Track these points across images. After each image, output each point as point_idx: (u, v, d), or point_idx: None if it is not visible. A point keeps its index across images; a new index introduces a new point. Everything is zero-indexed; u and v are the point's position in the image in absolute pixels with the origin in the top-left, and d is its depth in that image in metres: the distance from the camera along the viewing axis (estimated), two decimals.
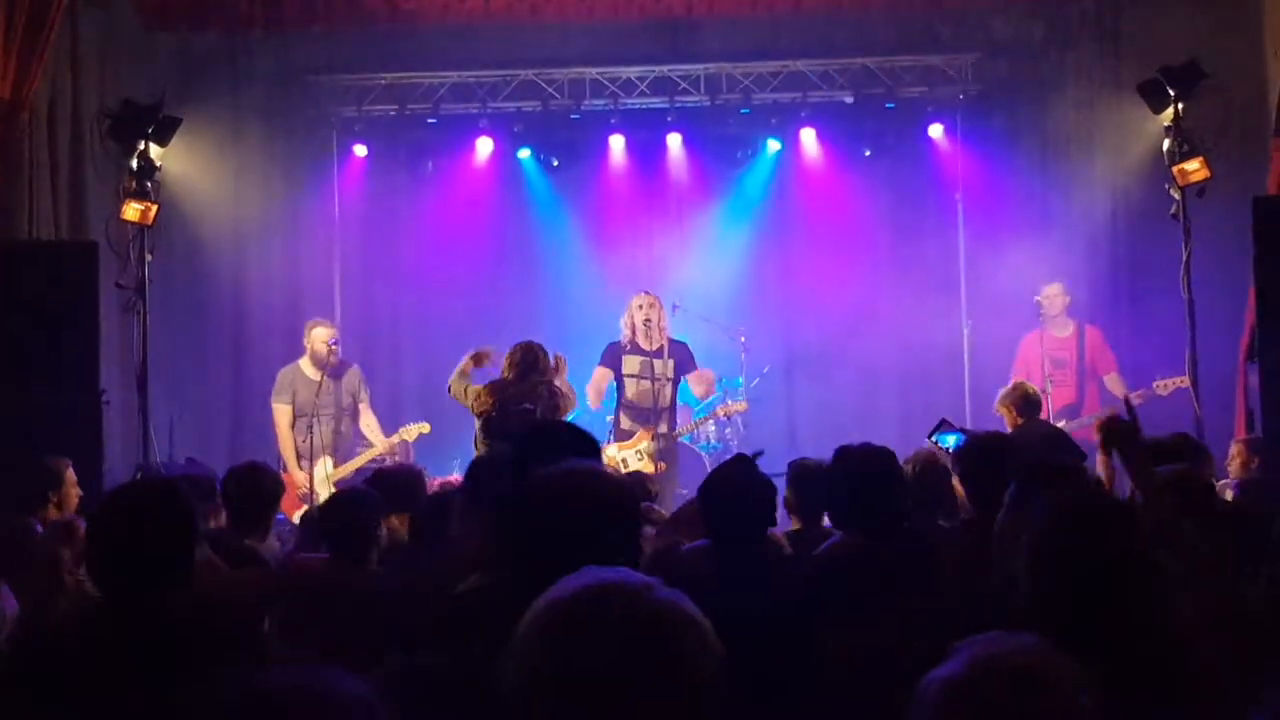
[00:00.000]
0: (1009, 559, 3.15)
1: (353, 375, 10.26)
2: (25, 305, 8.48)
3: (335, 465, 9.98)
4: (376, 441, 10.02)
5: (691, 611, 1.86)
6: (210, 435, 11.60)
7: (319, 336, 10.17)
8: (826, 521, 5.52)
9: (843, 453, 4.80)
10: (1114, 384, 10.45)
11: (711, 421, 10.57)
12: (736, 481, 4.35)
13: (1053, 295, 10.69)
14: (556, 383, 8.75)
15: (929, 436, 7.46)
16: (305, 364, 10.21)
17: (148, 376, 9.52)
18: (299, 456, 9.87)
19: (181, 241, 11.25)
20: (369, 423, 10.19)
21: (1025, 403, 8.43)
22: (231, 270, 11.90)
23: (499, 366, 8.84)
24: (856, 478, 4.68)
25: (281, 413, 10.15)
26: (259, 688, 1.73)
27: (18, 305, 8.44)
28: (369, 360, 11.63)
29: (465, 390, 8.81)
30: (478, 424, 8.77)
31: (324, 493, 9.30)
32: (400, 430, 10.04)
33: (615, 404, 10.05)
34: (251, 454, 11.10)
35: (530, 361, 8.68)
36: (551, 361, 8.85)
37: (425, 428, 10.04)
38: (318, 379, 10.04)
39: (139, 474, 9.02)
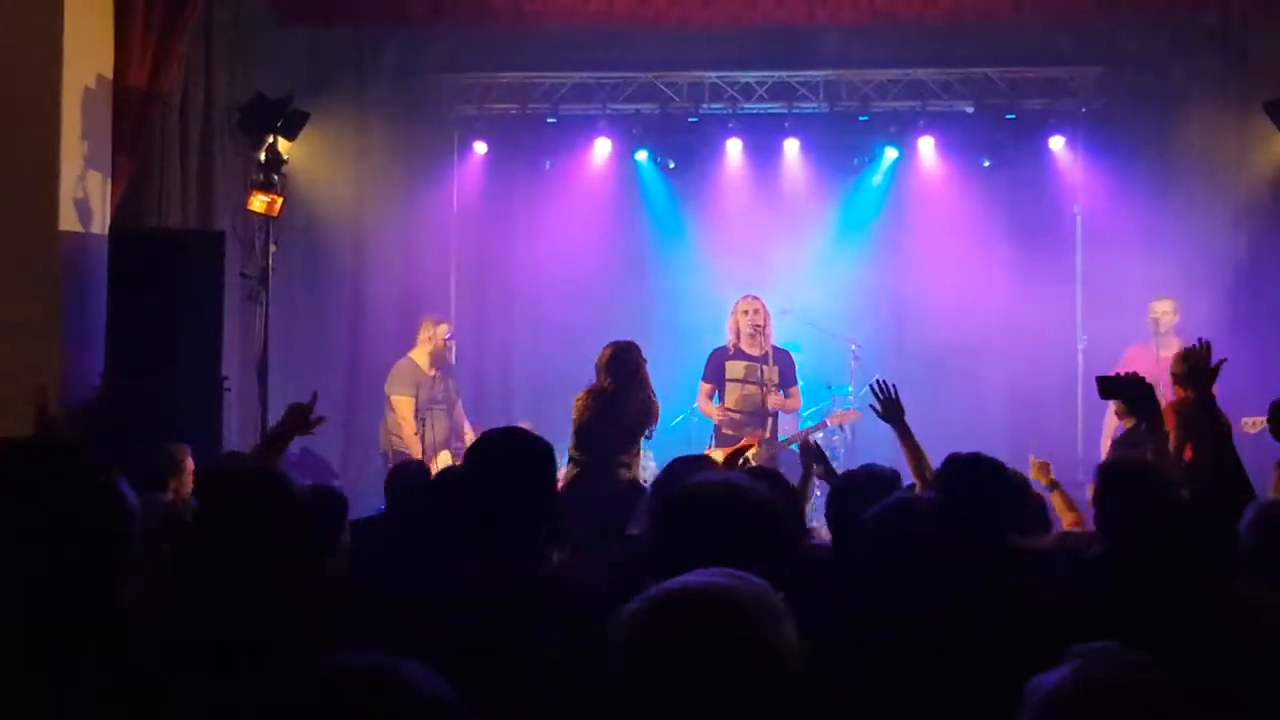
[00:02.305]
0: None
1: (454, 374, 10.45)
2: (153, 291, 8.65)
3: (453, 460, 10.06)
4: (470, 439, 10.09)
5: (784, 620, 1.92)
6: (325, 430, 11.72)
7: (439, 332, 10.31)
8: None
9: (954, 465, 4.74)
10: None
11: (821, 431, 10.51)
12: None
13: (1164, 311, 10.48)
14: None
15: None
16: (421, 359, 10.32)
17: (268, 366, 9.70)
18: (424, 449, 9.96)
19: (303, 234, 11.47)
20: (460, 415, 10.37)
21: None
22: (351, 263, 12.11)
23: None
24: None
25: (405, 404, 10.13)
26: (334, 671, 1.75)
27: (146, 291, 8.61)
28: (481, 358, 11.79)
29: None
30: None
31: None
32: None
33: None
34: (364, 446, 11.40)
35: (628, 369, 7.90)
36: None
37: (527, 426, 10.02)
38: (433, 373, 10.18)
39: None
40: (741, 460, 9.28)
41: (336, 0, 10.85)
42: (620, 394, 7.75)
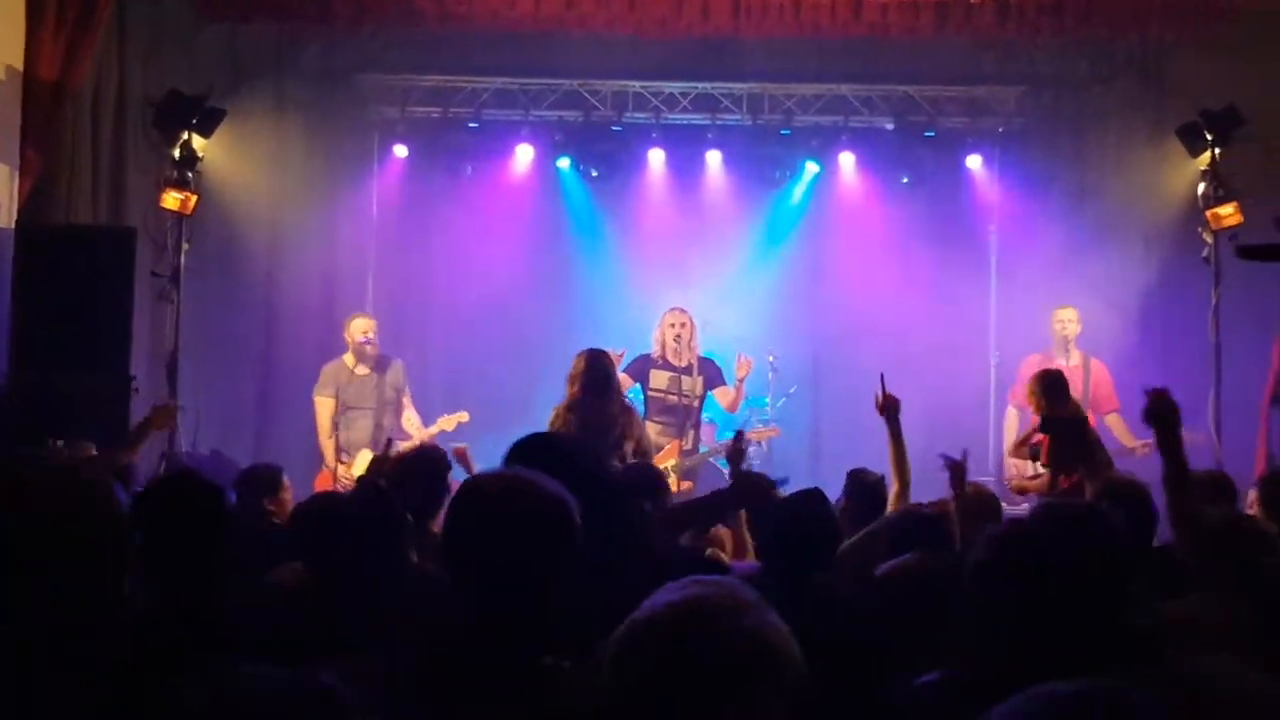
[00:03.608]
0: None
1: (396, 370, 10.25)
2: (61, 288, 8.55)
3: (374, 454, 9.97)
4: (417, 434, 9.97)
5: (784, 636, 1.89)
6: (235, 428, 11.63)
7: (356, 328, 10.22)
8: None
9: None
10: (1117, 426, 10.00)
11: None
12: (808, 515, 4.36)
13: (1066, 320, 10.57)
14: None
15: None
16: (349, 358, 10.23)
17: (178, 365, 9.57)
18: (339, 450, 9.86)
19: (217, 233, 11.30)
20: (410, 417, 10.17)
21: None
22: (265, 264, 11.95)
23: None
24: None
25: (323, 406, 10.07)
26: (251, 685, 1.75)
27: (53, 288, 8.51)
28: (383, 353, 11.70)
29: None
30: None
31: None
32: (439, 420, 9.93)
33: (641, 418, 10.04)
34: (276, 448, 11.26)
35: (600, 378, 7.97)
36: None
37: (464, 416, 9.93)
38: (363, 373, 10.09)
39: (164, 463, 9.08)
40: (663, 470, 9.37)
41: None
42: (600, 404, 7.81)
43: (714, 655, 1.82)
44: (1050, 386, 8.07)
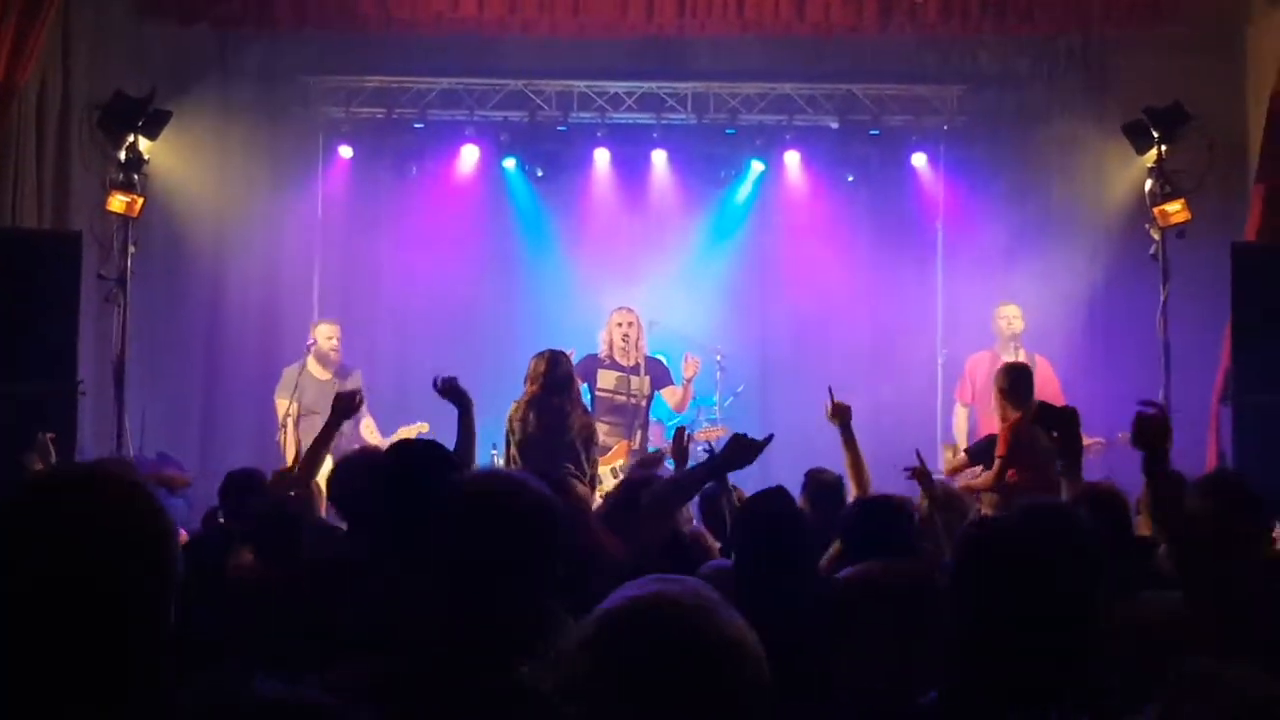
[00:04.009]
0: None
1: (356, 378, 10.22)
2: (4, 292, 8.45)
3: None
4: (375, 443, 9.93)
5: (747, 634, 1.89)
6: (181, 430, 11.55)
7: (323, 334, 10.26)
8: None
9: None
10: None
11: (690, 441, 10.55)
12: (774, 513, 4.38)
13: (1010, 316, 10.64)
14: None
15: None
16: (312, 363, 10.22)
17: (125, 369, 9.48)
18: (299, 453, 9.80)
19: (162, 235, 11.20)
20: (369, 424, 10.17)
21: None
22: (211, 266, 11.88)
23: None
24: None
25: (280, 407, 10.12)
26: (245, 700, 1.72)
27: None
28: (344, 360, 11.62)
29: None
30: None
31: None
32: (399, 430, 9.94)
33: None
34: (222, 450, 11.22)
35: (563, 379, 8.04)
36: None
37: (424, 427, 9.95)
38: (325, 378, 10.06)
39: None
40: (611, 470, 9.38)
41: None
42: (559, 404, 7.84)
43: (677, 651, 1.82)
44: (1016, 381, 8.19)
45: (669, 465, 10.27)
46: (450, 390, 6.12)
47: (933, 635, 3.84)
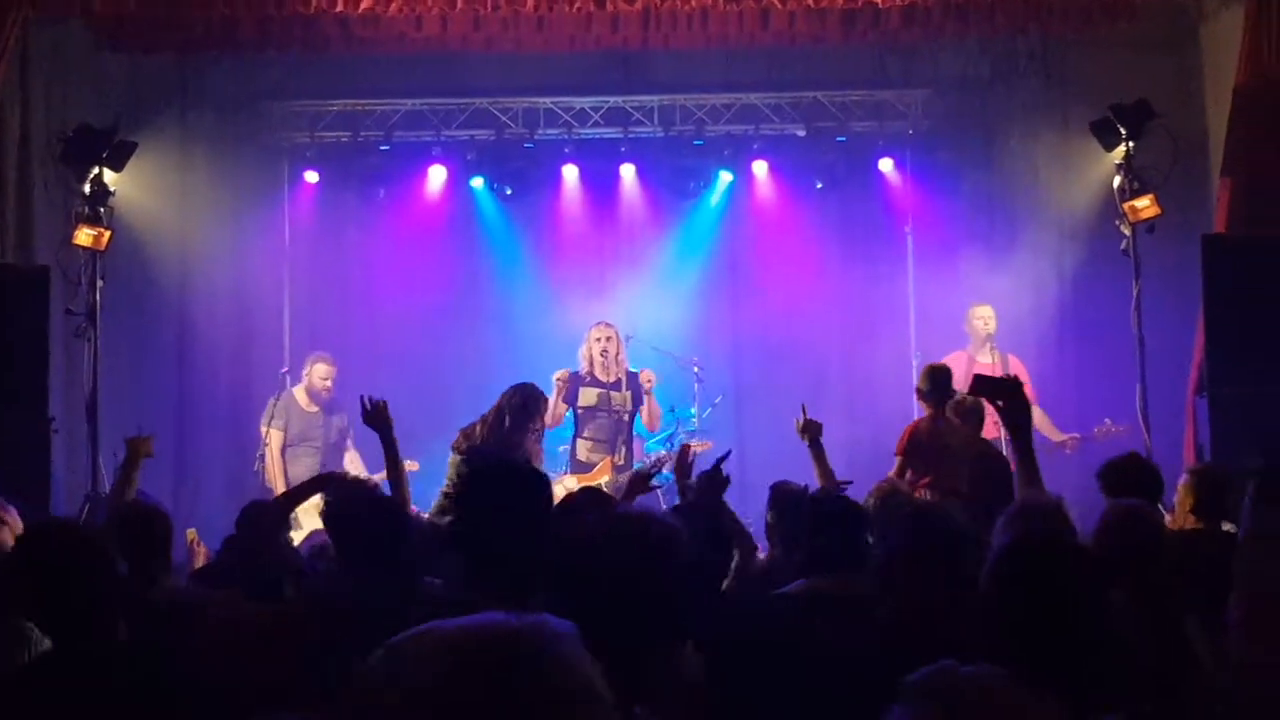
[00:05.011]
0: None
1: (343, 416, 10.22)
2: None
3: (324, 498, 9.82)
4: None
5: (583, 673, 1.84)
6: (153, 465, 11.39)
7: (319, 373, 10.33)
8: None
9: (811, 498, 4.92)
10: (1037, 418, 10.20)
11: (670, 456, 10.52)
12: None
13: (985, 317, 10.72)
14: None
15: None
16: (300, 394, 10.20)
17: (98, 404, 9.39)
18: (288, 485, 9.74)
19: (128, 267, 11.08)
20: (353, 458, 10.13)
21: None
22: (178, 297, 11.76)
23: None
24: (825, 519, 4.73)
25: (272, 436, 10.14)
26: None
27: None
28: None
29: None
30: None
31: (308, 522, 9.15)
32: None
33: (571, 435, 10.03)
34: (194, 482, 11.13)
35: (515, 405, 7.95)
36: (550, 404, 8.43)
37: (413, 465, 9.87)
38: (313, 411, 10.02)
39: (87, 504, 8.90)
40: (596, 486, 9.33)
41: (160, 26, 10.50)
42: (507, 430, 7.78)
43: (514, 680, 1.78)
44: (934, 383, 8.28)
45: (662, 479, 10.29)
46: (377, 416, 6.08)
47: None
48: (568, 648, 1.83)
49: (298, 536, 7.61)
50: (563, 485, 8.70)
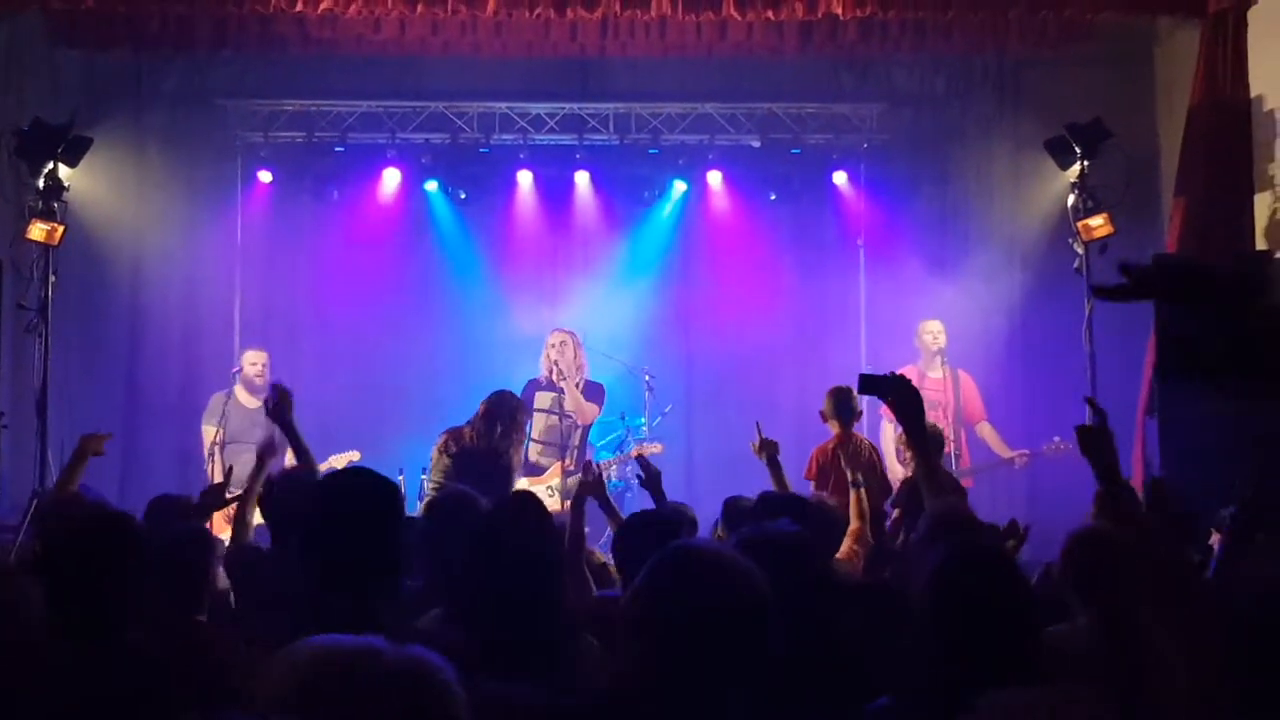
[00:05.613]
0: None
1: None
2: None
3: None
4: None
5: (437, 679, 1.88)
6: (101, 461, 11.28)
7: (248, 359, 10.28)
8: None
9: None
10: (989, 435, 10.52)
11: (621, 463, 10.55)
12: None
13: (934, 332, 10.77)
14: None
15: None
16: (240, 390, 10.13)
17: (48, 399, 9.30)
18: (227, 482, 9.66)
19: (79, 263, 11.00)
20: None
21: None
22: (129, 294, 11.68)
23: None
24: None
25: (206, 433, 10.07)
26: None
27: None
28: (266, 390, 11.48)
29: None
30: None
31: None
32: (330, 459, 9.83)
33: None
34: (142, 481, 11.01)
35: (496, 413, 8.08)
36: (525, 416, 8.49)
37: (355, 455, 9.87)
38: (254, 406, 9.95)
39: (34, 500, 8.81)
40: (547, 489, 9.35)
41: (115, 23, 10.44)
42: (489, 436, 7.82)
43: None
44: (837, 405, 8.35)
45: (614, 486, 10.32)
46: (277, 409, 6.13)
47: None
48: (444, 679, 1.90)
49: None
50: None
